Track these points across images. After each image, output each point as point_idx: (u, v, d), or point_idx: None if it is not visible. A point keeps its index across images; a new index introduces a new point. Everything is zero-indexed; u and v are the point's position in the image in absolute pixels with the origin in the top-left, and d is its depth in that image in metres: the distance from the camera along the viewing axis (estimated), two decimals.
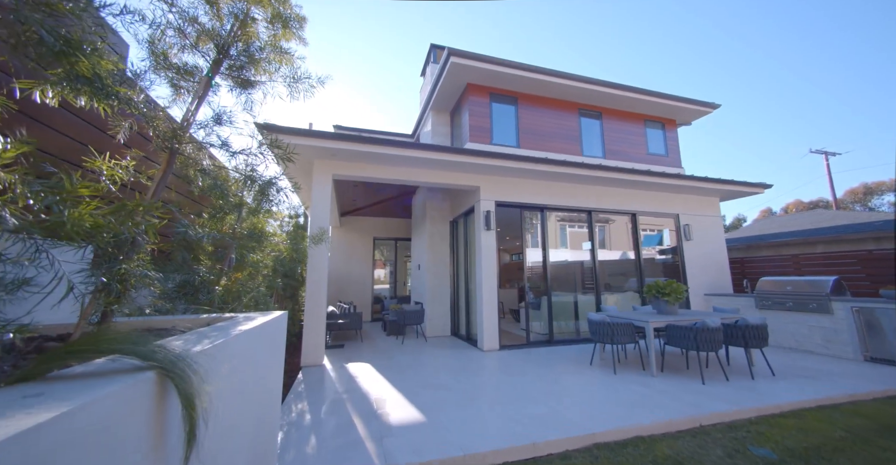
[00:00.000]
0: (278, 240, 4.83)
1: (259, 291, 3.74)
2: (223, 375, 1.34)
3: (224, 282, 2.78)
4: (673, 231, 8.20)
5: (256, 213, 3.15)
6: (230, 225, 2.96)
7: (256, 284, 3.96)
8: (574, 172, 6.78)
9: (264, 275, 4.67)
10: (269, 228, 5.88)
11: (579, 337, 7.14)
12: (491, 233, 6.69)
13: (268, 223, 3.48)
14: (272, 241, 3.58)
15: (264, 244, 4.29)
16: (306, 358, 5.36)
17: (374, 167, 6.18)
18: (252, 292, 3.38)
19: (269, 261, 4.82)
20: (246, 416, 1.66)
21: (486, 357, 5.85)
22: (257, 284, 3.86)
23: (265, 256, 4.61)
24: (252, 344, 1.76)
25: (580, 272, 7.64)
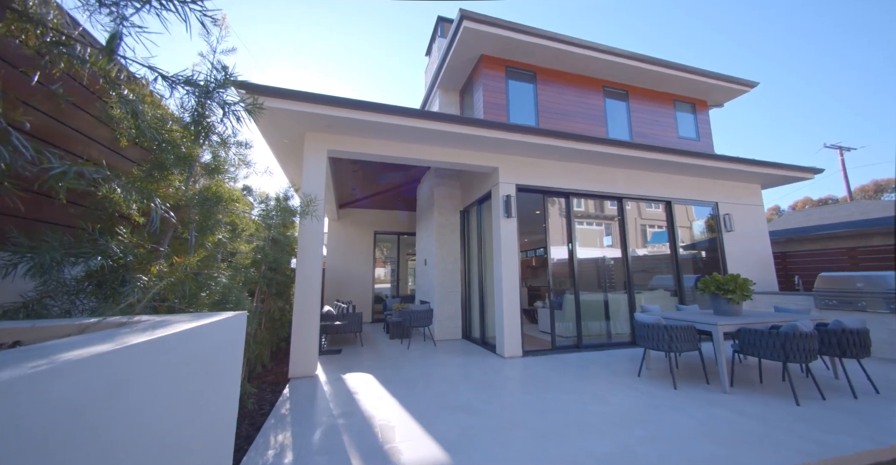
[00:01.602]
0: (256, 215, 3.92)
1: (227, 285, 2.84)
2: None
3: (159, 269, 1.87)
4: (686, 228, 7.25)
5: (216, 173, 2.25)
6: (175, 188, 2.05)
7: (227, 276, 3.07)
8: (604, 151, 5.89)
9: (243, 267, 3.77)
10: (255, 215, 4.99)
11: (610, 341, 6.25)
12: (512, 221, 5.79)
13: (243, 202, 2.60)
14: (243, 214, 2.65)
15: (239, 228, 3.39)
16: (295, 368, 4.46)
17: (376, 143, 5.27)
18: (214, 287, 2.48)
19: (246, 248, 3.92)
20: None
21: (508, 366, 4.96)
22: (226, 276, 2.96)
23: (241, 242, 3.72)
24: (159, 366, 0.88)
25: (604, 269, 6.75)
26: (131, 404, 0.88)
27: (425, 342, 6.85)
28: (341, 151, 5.12)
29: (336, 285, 10.29)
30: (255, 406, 3.60)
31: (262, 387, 4.22)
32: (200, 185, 2.23)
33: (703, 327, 3.94)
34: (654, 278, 7.20)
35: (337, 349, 6.23)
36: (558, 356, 5.50)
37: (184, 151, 1.88)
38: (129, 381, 0.88)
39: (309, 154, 4.95)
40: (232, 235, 3.01)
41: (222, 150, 2.27)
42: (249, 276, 3.81)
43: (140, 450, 0.91)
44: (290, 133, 4.95)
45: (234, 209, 2.26)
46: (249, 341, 4.07)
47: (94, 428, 0.76)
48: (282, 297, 5.72)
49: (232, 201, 2.09)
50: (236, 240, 3.66)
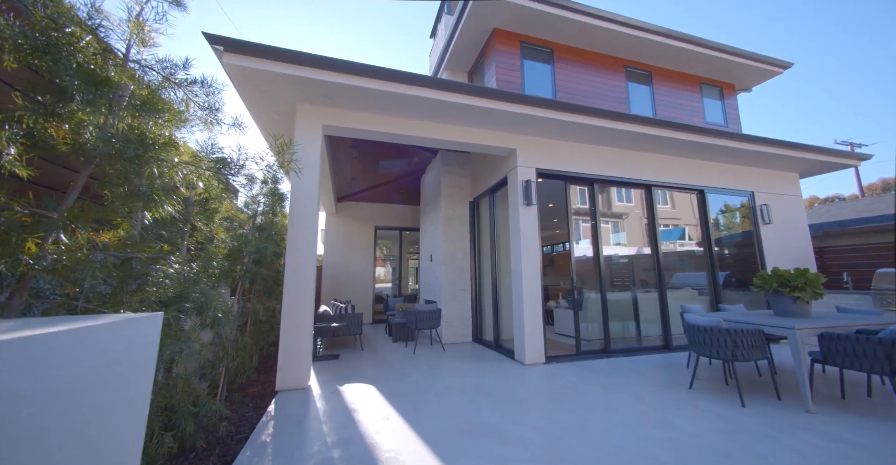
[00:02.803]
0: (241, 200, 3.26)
1: (189, 278, 2.17)
2: None
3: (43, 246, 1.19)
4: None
5: (149, 110, 1.56)
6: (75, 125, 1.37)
7: (194, 268, 2.40)
8: (635, 130, 5.22)
9: (217, 258, 3.09)
10: (241, 204, 4.31)
11: (641, 345, 5.59)
12: (532, 209, 5.12)
13: (192, 155, 1.91)
14: (197, 175, 1.95)
15: (211, 206, 2.71)
16: (284, 378, 3.79)
17: (379, 119, 4.60)
18: (161, 280, 1.80)
19: (223, 235, 3.24)
20: None
21: (531, 374, 4.29)
22: (188, 266, 2.29)
23: (216, 227, 3.04)
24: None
25: (620, 267, 6.09)
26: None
27: (432, 346, 6.17)
28: (339, 126, 4.44)
29: (334, 284, 9.61)
30: (232, 429, 2.92)
31: (244, 402, 3.54)
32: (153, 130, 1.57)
33: (773, 331, 3.27)
34: (673, 277, 6.54)
35: (334, 355, 5.56)
36: (584, 363, 4.84)
37: (92, 67, 1.22)
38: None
39: (301, 129, 4.28)
40: (185, 209, 2.34)
41: (174, 90, 1.61)
42: (226, 269, 3.14)
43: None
44: (280, 103, 4.27)
45: (174, 164, 1.58)
46: (227, 349, 3.40)
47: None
48: (272, 296, 5.05)
49: (169, 149, 1.44)
50: (210, 223, 2.98)
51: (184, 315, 2.41)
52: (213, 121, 1.84)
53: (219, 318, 2.71)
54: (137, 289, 1.59)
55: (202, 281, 2.61)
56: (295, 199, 4.08)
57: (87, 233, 1.24)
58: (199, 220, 2.78)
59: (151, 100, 1.44)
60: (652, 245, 5.97)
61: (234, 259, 3.36)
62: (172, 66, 1.54)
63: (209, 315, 2.66)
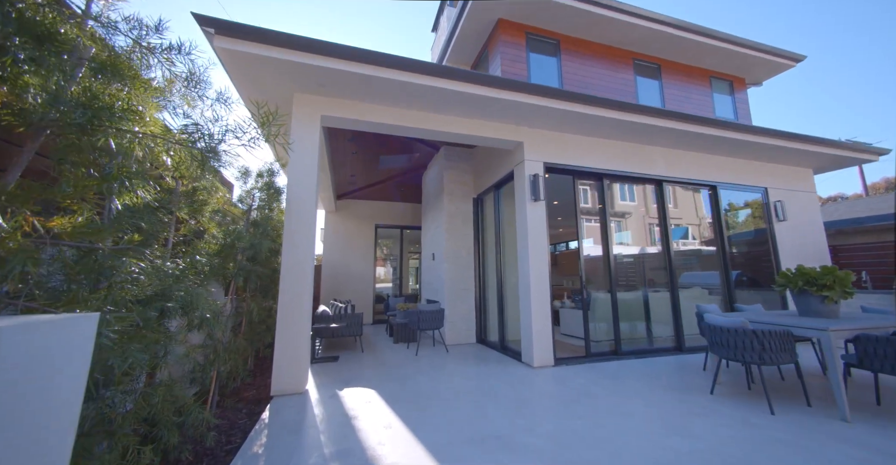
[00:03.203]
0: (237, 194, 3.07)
1: (168, 274, 1.97)
2: None
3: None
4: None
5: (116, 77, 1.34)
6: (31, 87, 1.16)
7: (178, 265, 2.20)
8: (647, 122, 5.01)
9: (207, 254, 2.89)
10: (236, 200, 4.10)
11: (652, 346, 5.37)
12: (540, 205, 4.91)
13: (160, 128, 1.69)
14: (168, 149, 1.72)
15: (198, 197, 2.51)
16: (280, 383, 3.58)
17: (380, 110, 4.39)
18: (136, 275, 1.60)
19: (215, 230, 3.04)
20: None
21: (540, 378, 4.08)
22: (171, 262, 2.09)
23: (208, 222, 2.83)
24: None
25: (626, 266, 5.87)
26: None
27: (435, 347, 5.96)
28: (338, 117, 4.23)
29: (333, 283, 9.41)
30: (222, 439, 2.72)
31: (237, 408, 3.33)
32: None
33: (803, 332, 3.06)
34: (680, 276, 6.32)
35: (333, 356, 5.35)
36: (595, 365, 4.63)
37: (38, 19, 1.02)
38: None
39: (298, 121, 4.07)
40: (168, 198, 2.13)
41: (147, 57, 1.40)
42: (216, 266, 2.93)
43: None
44: (275, 93, 4.06)
45: (135, 134, 1.34)
46: (219, 352, 3.19)
47: None
48: (268, 295, 4.84)
49: (131, 118, 1.22)
50: (198, 216, 2.77)
51: (167, 316, 2.21)
52: (195, 96, 1.62)
53: (207, 319, 2.51)
54: (108, 286, 1.38)
55: (188, 278, 2.40)
56: (292, 193, 3.87)
57: (24, 216, 1.03)
58: (185, 211, 2.57)
59: (113, 63, 1.22)
60: (663, 243, 5.75)
61: (226, 256, 3.15)
62: (142, 26, 1.33)
63: (196, 316, 2.46)
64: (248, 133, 1.70)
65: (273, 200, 4.03)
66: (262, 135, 1.74)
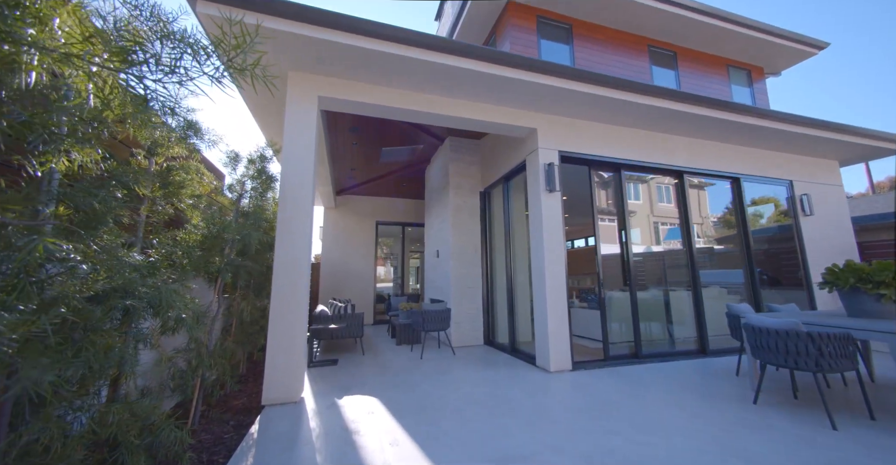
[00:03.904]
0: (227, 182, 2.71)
1: (129, 264, 1.60)
2: None
3: None
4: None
5: None
6: None
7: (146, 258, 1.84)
8: (669, 107, 4.66)
9: (187, 246, 2.53)
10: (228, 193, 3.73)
11: (673, 349, 5.01)
12: (556, 196, 4.55)
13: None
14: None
15: (174, 178, 2.16)
16: (272, 391, 3.21)
17: (382, 91, 4.02)
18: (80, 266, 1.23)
19: (197, 218, 2.67)
20: None
21: (559, 384, 3.71)
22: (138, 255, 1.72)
23: (188, 208, 2.47)
24: None
25: (643, 264, 5.52)
26: None
27: (440, 350, 5.60)
28: (337, 99, 3.86)
29: (333, 282, 9.04)
30: (204, 457, 2.35)
31: (223, 419, 2.96)
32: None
33: (864, 335, 2.69)
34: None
35: (332, 360, 4.98)
36: (616, 370, 4.26)
37: None
38: None
39: (294, 102, 3.70)
40: (126, 170, 1.76)
41: None
42: (197, 259, 2.56)
43: None
44: (269, 70, 3.68)
45: (31, 42, 0.94)
46: (203, 357, 2.83)
47: None
48: (261, 293, 4.47)
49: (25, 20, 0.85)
50: (174, 199, 2.40)
51: (134, 316, 1.84)
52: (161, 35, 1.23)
53: (183, 319, 2.14)
54: (13, 274, 1.01)
55: (161, 273, 2.04)
56: (286, 180, 3.50)
57: None
58: (159, 193, 2.20)
59: None
60: (684, 240, 5.39)
61: (211, 248, 2.78)
62: None
63: (171, 316, 2.10)
64: (211, 58, 1.29)
65: (266, 189, 3.66)
66: (231, 67, 1.36)
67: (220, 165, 3.61)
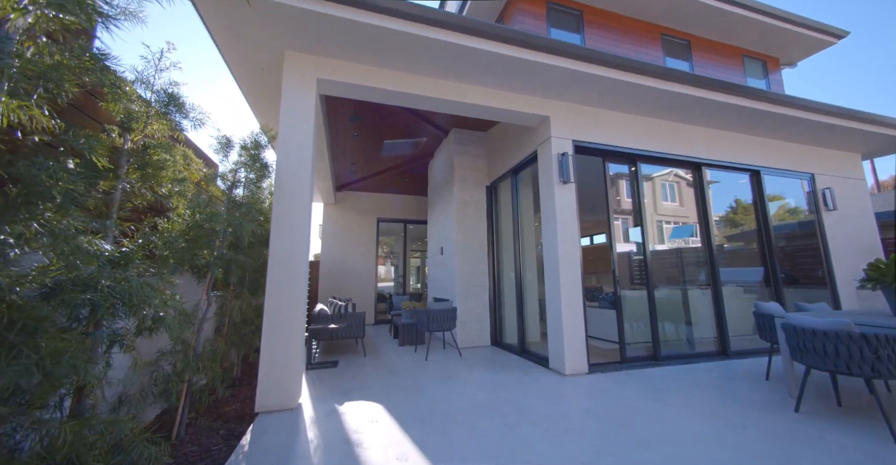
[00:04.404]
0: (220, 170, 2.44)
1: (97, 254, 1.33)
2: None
3: None
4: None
5: None
6: None
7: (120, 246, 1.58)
8: (693, 93, 4.40)
9: (168, 236, 2.26)
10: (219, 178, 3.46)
11: (693, 351, 4.75)
12: (570, 188, 4.28)
13: None
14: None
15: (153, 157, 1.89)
16: (266, 397, 2.94)
17: (385, 74, 3.75)
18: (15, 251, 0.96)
19: (182, 206, 2.41)
20: None
21: (576, 388, 3.44)
22: None
23: (171, 193, 2.20)
24: None
25: (666, 261, 5.25)
26: None
27: (446, 351, 5.33)
28: (337, 82, 3.59)
29: (332, 281, 8.77)
30: None
31: (213, 428, 2.69)
32: None
33: None
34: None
35: (332, 361, 4.71)
36: (635, 373, 3.99)
37: None
38: None
39: (291, 84, 3.43)
40: (80, 135, 1.49)
41: None
42: (181, 250, 2.29)
43: None
44: (264, 51, 3.42)
45: None
46: (189, 360, 2.56)
47: None
48: (258, 291, 4.21)
49: None
50: (153, 182, 2.12)
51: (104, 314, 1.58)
52: None
53: (161, 318, 1.87)
54: None
55: (134, 264, 1.77)
56: (283, 167, 3.24)
57: None
58: (133, 174, 1.93)
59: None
60: (703, 236, 5.12)
61: (197, 239, 2.51)
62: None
63: (149, 315, 1.83)
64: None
65: (260, 178, 3.39)
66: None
67: (210, 152, 3.34)
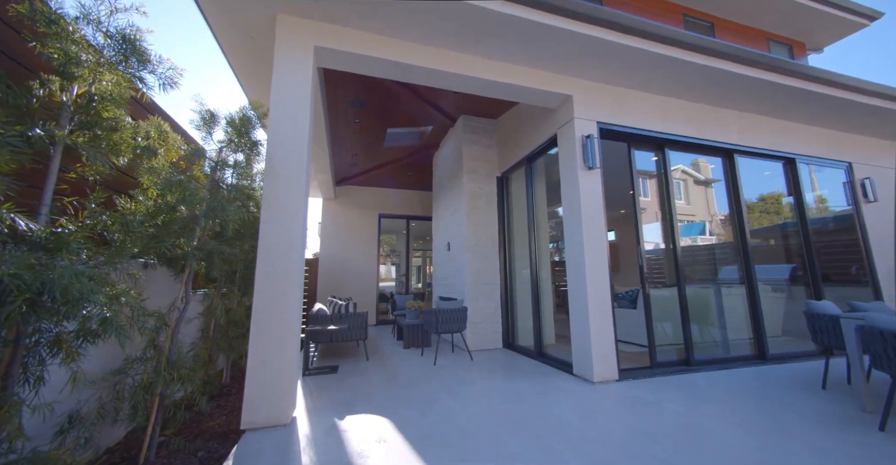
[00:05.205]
0: None
1: None
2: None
3: None
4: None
5: None
6: None
7: None
8: (732, 69, 3.98)
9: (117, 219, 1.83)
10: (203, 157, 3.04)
11: (727, 355, 4.32)
12: (595, 174, 3.86)
13: None
14: None
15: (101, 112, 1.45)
16: (254, 412, 2.50)
17: (389, 43, 3.32)
18: None
19: (147, 181, 1.98)
20: None
21: (610, 399, 3.02)
22: None
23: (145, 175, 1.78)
24: None
25: (694, 257, 4.83)
26: None
27: (455, 354, 4.90)
28: (337, 51, 3.16)
29: (332, 280, 8.34)
30: None
31: (189, 450, 2.27)
32: None
33: None
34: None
35: (332, 366, 4.29)
36: (669, 380, 3.57)
37: None
38: None
39: (285, 53, 3.01)
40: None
41: None
42: (145, 236, 1.86)
43: None
44: (252, 14, 2.99)
45: None
46: (161, 370, 2.14)
47: None
48: (249, 289, 3.78)
49: None
50: (104, 147, 1.69)
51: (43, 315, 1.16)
52: None
53: (108, 320, 1.44)
54: None
55: (70, 248, 1.34)
56: (275, 147, 2.81)
57: None
58: (77, 137, 1.50)
59: None
60: (736, 230, 4.70)
61: (169, 225, 2.09)
62: None
63: (94, 315, 1.41)
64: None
65: (250, 160, 2.97)
66: None
67: (195, 133, 2.90)
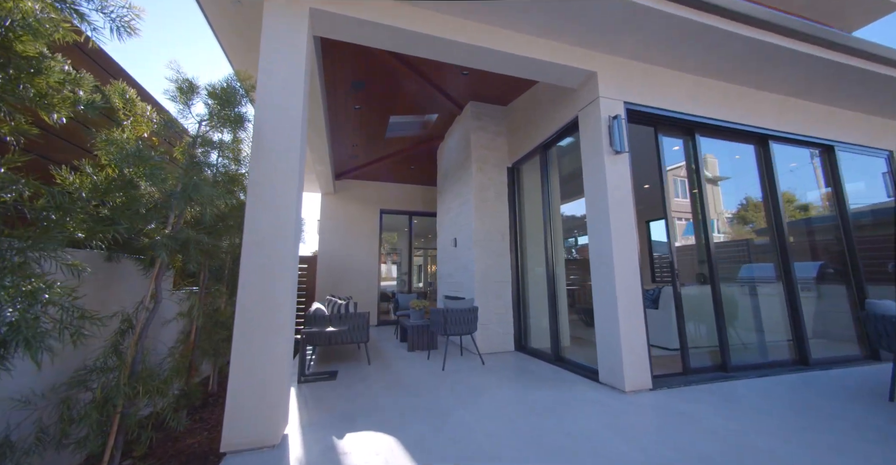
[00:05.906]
0: None
1: None
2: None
3: None
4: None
5: None
6: None
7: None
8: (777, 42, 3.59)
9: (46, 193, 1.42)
10: None
11: (766, 360, 3.94)
12: (623, 159, 3.47)
13: None
14: None
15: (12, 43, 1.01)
16: (237, 430, 2.11)
17: (394, 7, 2.93)
18: None
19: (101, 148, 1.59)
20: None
21: (648, 412, 2.64)
22: None
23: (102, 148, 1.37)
24: None
25: (723, 254, 4.43)
26: None
27: (464, 358, 4.52)
28: (336, 15, 2.78)
29: (331, 279, 7.96)
30: None
31: None
32: None
33: None
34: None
35: (330, 372, 3.90)
36: (707, 388, 3.19)
37: None
38: None
39: (275, 15, 2.62)
40: None
41: None
42: (92, 219, 1.48)
43: None
44: None
45: None
46: (121, 383, 1.76)
47: None
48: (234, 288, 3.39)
49: None
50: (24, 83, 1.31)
51: None
52: None
53: (13, 324, 1.06)
54: None
55: None
56: (263, 120, 2.42)
57: None
58: None
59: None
60: (771, 223, 4.31)
61: (128, 205, 1.70)
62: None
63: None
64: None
65: (236, 137, 2.58)
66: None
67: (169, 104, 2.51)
